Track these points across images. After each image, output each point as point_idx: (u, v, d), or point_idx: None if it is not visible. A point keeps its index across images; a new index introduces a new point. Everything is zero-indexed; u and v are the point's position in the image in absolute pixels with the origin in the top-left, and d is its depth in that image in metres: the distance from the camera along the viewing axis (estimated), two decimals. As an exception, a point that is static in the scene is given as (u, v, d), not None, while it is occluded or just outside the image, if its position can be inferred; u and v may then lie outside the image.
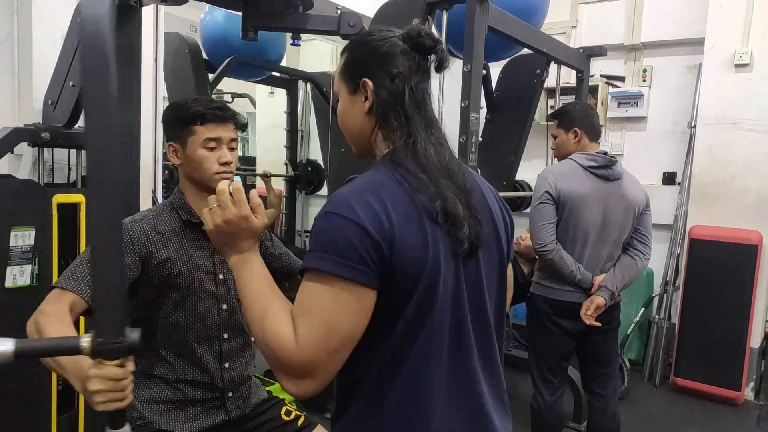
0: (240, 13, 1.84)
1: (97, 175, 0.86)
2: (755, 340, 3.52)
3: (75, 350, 0.90)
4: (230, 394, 1.53)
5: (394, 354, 0.90)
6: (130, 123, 1.74)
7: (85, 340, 0.89)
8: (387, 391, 0.91)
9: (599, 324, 2.19)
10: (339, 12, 1.91)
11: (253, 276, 0.96)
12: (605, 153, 2.30)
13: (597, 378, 2.37)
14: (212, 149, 1.46)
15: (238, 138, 1.53)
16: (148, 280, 1.43)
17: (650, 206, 2.35)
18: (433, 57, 0.99)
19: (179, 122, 1.46)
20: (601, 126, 3.28)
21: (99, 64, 0.84)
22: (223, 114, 1.47)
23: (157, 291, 1.45)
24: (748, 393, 3.54)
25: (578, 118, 2.33)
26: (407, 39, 0.97)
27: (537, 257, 2.33)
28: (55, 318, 1.23)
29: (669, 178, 4.05)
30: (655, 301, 3.96)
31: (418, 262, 0.87)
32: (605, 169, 2.23)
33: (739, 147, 3.54)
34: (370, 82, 0.97)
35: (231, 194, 0.97)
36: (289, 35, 4.30)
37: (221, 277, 1.52)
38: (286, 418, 1.62)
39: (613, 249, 2.28)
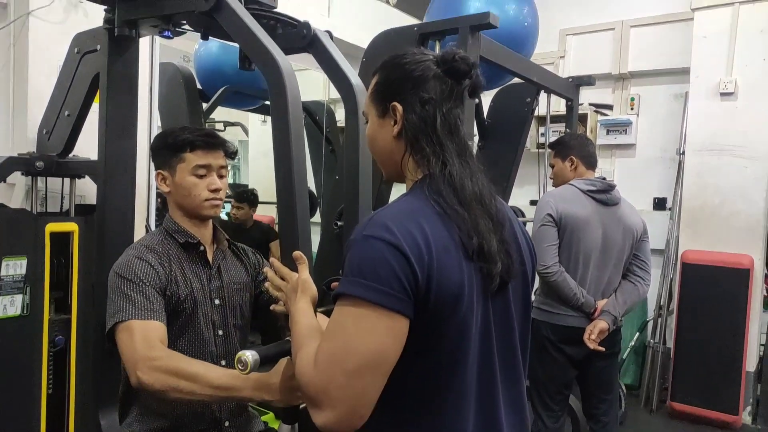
0: (236, 44, 1.86)
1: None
2: (751, 364, 3.52)
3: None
4: (226, 424, 1.50)
5: (421, 391, 0.88)
6: (128, 151, 1.74)
7: None
8: (413, 429, 0.89)
9: (603, 349, 2.20)
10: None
11: (296, 319, 1.02)
12: (603, 179, 2.34)
13: (599, 405, 2.36)
14: (202, 177, 1.46)
15: (228, 166, 1.54)
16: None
17: (648, 233, 2.38)
18: (467, 82, 0.96)
19: (168, 150, 1.46)
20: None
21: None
22: (213, 141, 1.47)
23: (168, 323, 1.42)
24: (745, 417, 3.53)
25: (574, 147, 2.41)
26: (442, 63, 0.95)
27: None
28: (180, 356, 1.31)
29: (659, 204, 4.09)
30: (650, 325, 3.97)
31: (454, 298, 0.85)
32: (604, 193, 2.27)
33: (727, 173, 3.60)
34: (399, 107, 0.95)
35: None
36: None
37: (217, 302, 1.51)
38: (282, 450, 1.59)
39: (614, 273, 2.30)
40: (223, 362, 1.50)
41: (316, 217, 4.76)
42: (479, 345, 0.90)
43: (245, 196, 4.36)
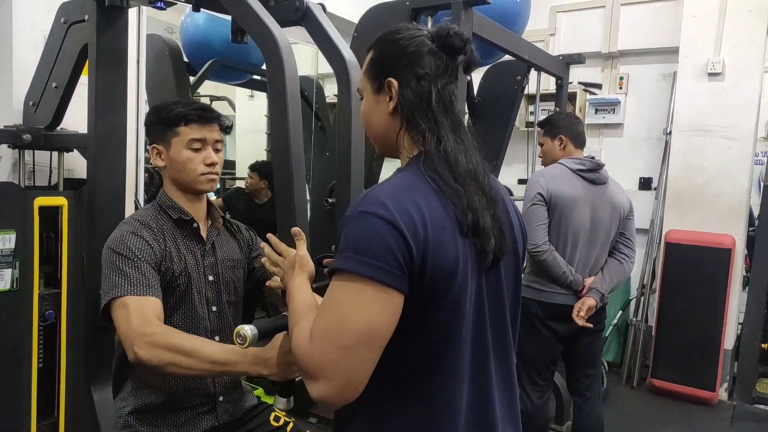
0: (224, 16, 1.82)
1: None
2: (729, 342, 3.61)
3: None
4: (221, 399, 1.51)
5: (416, 367, 0.89)
6: (118, 124, 1.72)
7: None
8: (408, 406, 0.90)
9: (591, 325, 2.24)
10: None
11: (293, 295, 1.03)
12: (592, 158, 2.36)
13: (583, 380, 2.41)
14: (197, 150, 1.44)
15: (223, 140, 1.53)
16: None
17: (633, 211, 2.42)
18: (461, 57, 0.96)
19: (162, 124, 1.45)
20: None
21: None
22: (207, 115, 1.46)
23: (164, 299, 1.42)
24: (722, 393, 3.63)
25: (563, 126, 2.41)
26: (436, 38, 0.94)
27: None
28: (176, 331, 1.32)
29: (645, 184, 4.14)
30: (632, 304, 4.04)
31: (449, 274, 0.86)
32: (593, 173, 2.29)
33: (712, 153, 3.64)
34: (395, 82, 0.94)
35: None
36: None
37: (211, 278, 1.51)
38: (275, 424, 1.61)
39: (601, 252, 2.34)
40: (217, 338, 1.50)
41: (306, 194, 4.76)
42: (473, 321, 0.92)
43: (255, 165, 4.27)
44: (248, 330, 1.08)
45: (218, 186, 4.52)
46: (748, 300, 3.66)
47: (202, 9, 1.69)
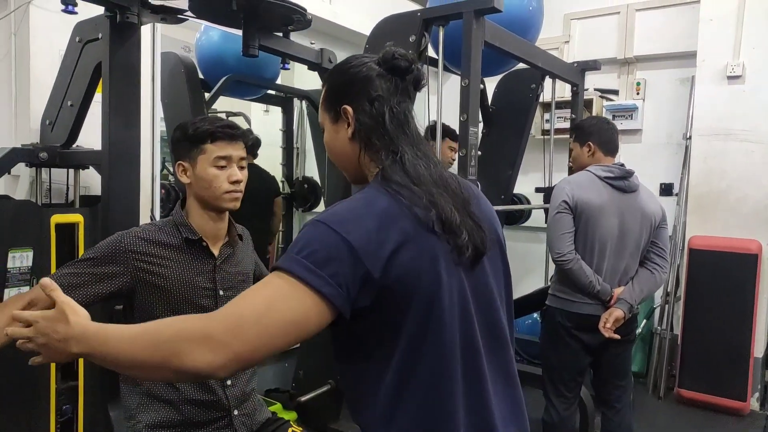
0: (237, 32, 1.86)
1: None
2: (758, 350, 3.51)
3: None
4: (236, 412, 1.50)
5: (403, 376, 0.88)
6: (132, 141, 1.73)
7: None
8: (403, 413, 0.88)
9: (618, 336, 2.18)
10: (320, 48, 1.97)
11: (116, 338, 0.85)
12: (622, 165, 2.30)
13: (613, 391, 2.35)
14: (222, 168, 1.45)
15: (246, 157, 1.53)
16: (143, 295, 1.43)
17: (666, 220, 2.35)
18: (410, 77, 1.00)
19: (188, 141, 1.46)
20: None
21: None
22: (233, 132, 1.46)
23: (151, 308, 1.43)
24: (753, 403, 3.52)
25: (592, 133, 2.36)
26: (383, 63, 0.99)
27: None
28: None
29: (666, 190, 4.06)
30: (657, 312, 3.95)
31: (413, 276, 0.86)
32: (622, 180, 2.24)
33: (734, 157, 3.57)
34: (349, 108, 0.98)
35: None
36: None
37: (221, 293, 1.51)
38: (293, 439, 1.59)
39: (631, 261, 2.27)
40: None
41: (320, 207, 4.76)
42: (458, 322, 0.91)
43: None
44: None
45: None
46: (777, 307, 3.55)
47: (211, 27, 1.72)
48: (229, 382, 1.49)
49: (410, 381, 0.88)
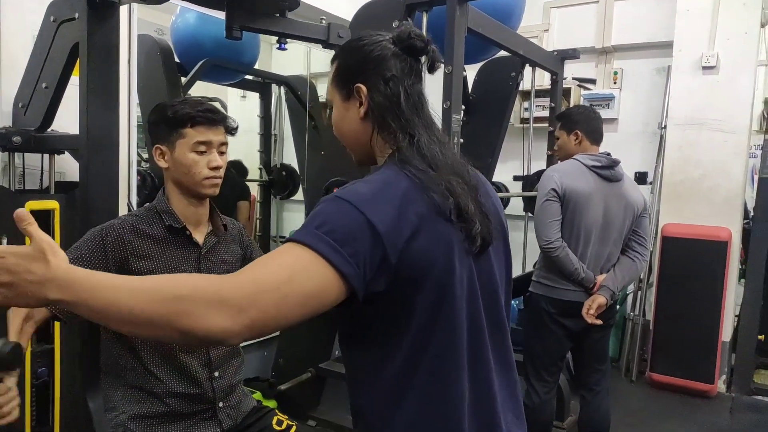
0: (218, 14, 1.79)
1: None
2: (726, 334, 3.62)
3: None
4: (221, 404, 1.48)
5: (411, 361, 0.88)
6: (111, 125, 1.67)
7: None
8: (411, 398, 0.88)
9: (600, 322, 2.23)
10: (327, 22, 1.90)
11: (110, 287, 0.76)
12: (608, 154, 2.33)
13: (593, 374, 2.41)
14: (202, 153, 1.41)
15: (227, 142, 1.49)
16: None
17: (647, 209, 2.41)
18: (424, 58, 0.99)
19: (167, 124, 1.41)
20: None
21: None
22: (214, 117, 1.43)
23: None
24: (720, 385, 3.64)
25: (579, 122, 2.39)
26: (398, 41, 0.97)
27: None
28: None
29: (640, 178, 4.13)
30: (630, 298, 4.04)
31: (427, 262, 0.85)
32: (608, 169, 2.28)
33: (708, 147, 3.64)
34: (363, 87, 0.96)
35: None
36: (263, 39, 4.23)
37: None
38: (278, 428, 1.59)
39: (614, 249, 2.32)
40: None
41: (299, 195, 4.72)
42: (467, 310, 0.91)
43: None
44: None
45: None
46: (745, 292, 3.67)
47: (188, 9, 1.66)
48: (216, 374, 1.47)
49: (419, 366, 0.88)
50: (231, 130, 1.49)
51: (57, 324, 1.87)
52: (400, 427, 0.89)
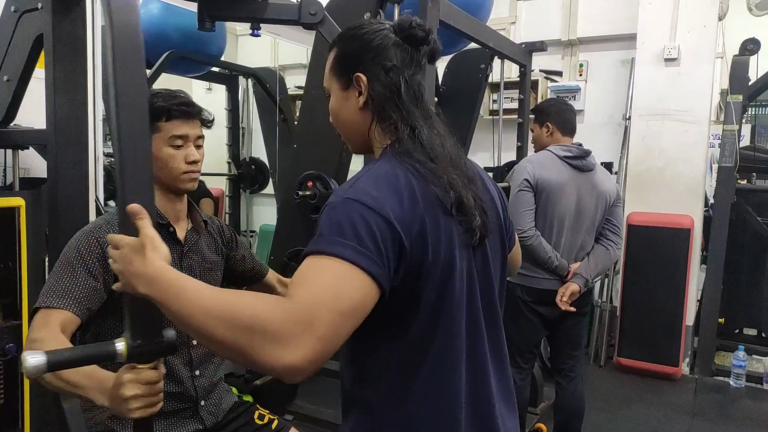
0: (183, 5, 1.76)
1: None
2: (690, 318, 3.74)
3: (110, 356, 0.88)
4: (203, 403, 1.46)
5: (414, 352, 0.88)
6: (79, 118, 1.62)
7: (120, 345, 0.87)
8: (410, 390, 0.89)
9: (574, 309, 2.27)
10: (299, 0, 1.86)
11: (186, 280, 0.80)
12: (580, 145, 2.38)
13: (567, 361, 2.46)
14: (178, 147, 1.38)
15: (204, 135, 1.46)
16: (111, 296, 1.32)
17: (621, 198, 2.46)
18: (425, 48, 0.97)
19: None
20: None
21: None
22: (190, 110, 1.39)
23: (116, 306, 1.33)
24: (684, 368, 3.76)
25: (550, 114, 2.45)
26: (399, 31, 0.95)
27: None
28: (53, 343, 1.13)
29: (606, 168, 4.20)
30: (597, 285, 4.13)
31: (433, 254, 0.85)
32: (580, 159, 2.32)
33: (670, 137, 3.75)
34: (363, 77, 0.94)
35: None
36: (229, 30, 4.16)
37: None
38: (260, 422, 1.58)
39: (587, 237, 2.37)
40: (195, 341, 1.45)
41: (269, 188, 4.67)
42: (465, 302, 0.92)
43: None
44: (30, 359, 0.81)
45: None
46: (707, 277, 3.79)
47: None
48: (197, 372, 1.45)
49: (424, 358, 0.88)
50: (207, 123, 1.46)
51: (24, 300, 1.82)
52: (404, 417, 0.89)
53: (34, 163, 2.02)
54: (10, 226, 1.84)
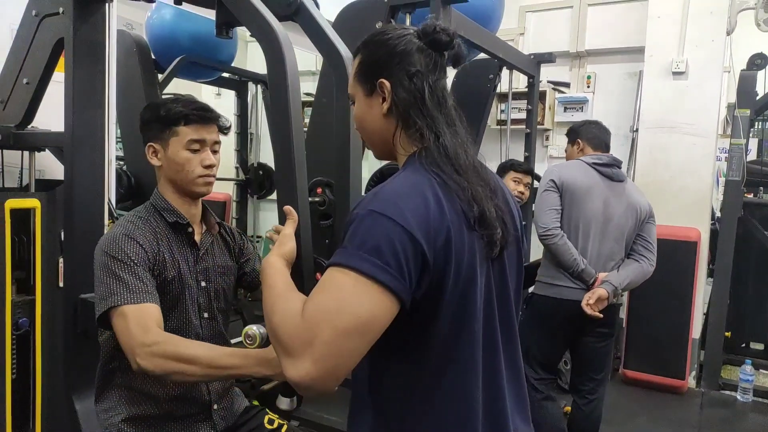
0: (196, 10, 1.76)
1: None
2: (696, 331, 3.73)
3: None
4: (215, 407, 1.47)
5: (434, 364, 0.88)
6: (97, 122, 1.64)
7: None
8: (427, 403, 0.89)
9: (601, 316, 2.21)
10: None
11: (267, 272, 1.01)
12: (611, 156, 2.41)
13: (587, 383, 2.41)
14: (195, 151, 1.40)
15: (221, 141, 1.48)
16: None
17: (654, 216, 2.45)
18: (449, 53, 0.97)
19: (160, 122, 1.40)
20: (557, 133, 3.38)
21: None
22: (208, 115, 1.42)
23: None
24: (690, 381, 3.75)
25: (580, 132, 2.52)
26: (423, 35, 0.95)
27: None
28: (177, 339, 1.27)
29: (613, 180, 4.23)
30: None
31: (456, 266, 0.85)
32: (609, 168, 2.34)
33: (677, 149, 3.76)
34: (387, 83, 0.94)
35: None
36: (240, 36, 4.17)
37: (203, 284, 1.47)
38: (270, 427, 1.58)
39: (615, 246, 2.32)
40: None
41: (275, 194, 4.68)
42: (483, 315, 0.92)
43: None
44: (256, 330, 1.10)
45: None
46: (713, 291, 3.79)
47: (167, 4, 1.63)
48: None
49: (444, 370, 0.88)
50: (224, 129, 1.48)
51: (38, 275, 1.86)
52: (422, 428, 0.89)
53: (49, 164, 2.04)
54: (25, 228, 1.86)
